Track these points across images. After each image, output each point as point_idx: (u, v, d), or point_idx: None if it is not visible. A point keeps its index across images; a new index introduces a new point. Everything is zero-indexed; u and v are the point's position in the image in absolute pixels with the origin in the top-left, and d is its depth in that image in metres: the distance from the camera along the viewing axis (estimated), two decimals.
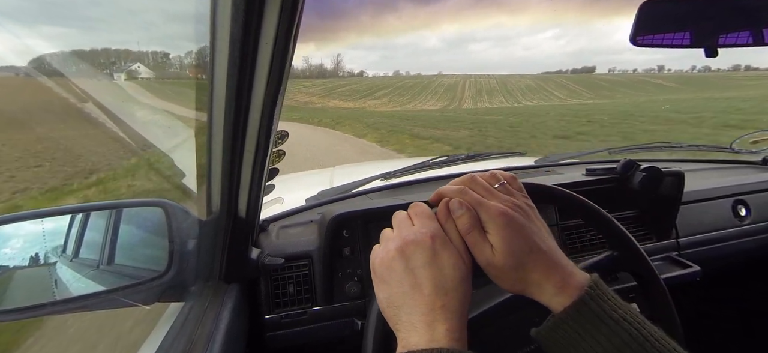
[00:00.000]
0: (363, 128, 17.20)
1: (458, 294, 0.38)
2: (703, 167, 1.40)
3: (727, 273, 1.21)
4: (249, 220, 0.68)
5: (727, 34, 0.58)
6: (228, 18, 0.37)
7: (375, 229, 0.87)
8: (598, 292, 0.38)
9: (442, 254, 0.39)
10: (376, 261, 0.41)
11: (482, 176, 0.45)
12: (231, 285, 0.71)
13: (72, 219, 0.75)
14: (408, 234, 0.41)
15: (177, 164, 0.82)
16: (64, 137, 8.24)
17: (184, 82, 11.48)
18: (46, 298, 0.68)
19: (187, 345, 0.56)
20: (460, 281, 0.39)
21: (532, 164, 1.34)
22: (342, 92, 60.23)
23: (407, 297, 0.38)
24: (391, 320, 0.40)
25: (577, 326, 0.37)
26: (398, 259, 0.39)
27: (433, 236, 0.40)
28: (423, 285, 0.38)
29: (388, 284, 0.40)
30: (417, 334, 0.36)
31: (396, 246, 0.40)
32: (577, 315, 0.38)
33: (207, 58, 0.44)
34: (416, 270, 0.39)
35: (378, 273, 0.41)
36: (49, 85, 8.40)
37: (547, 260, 0.40)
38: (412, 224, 0.42)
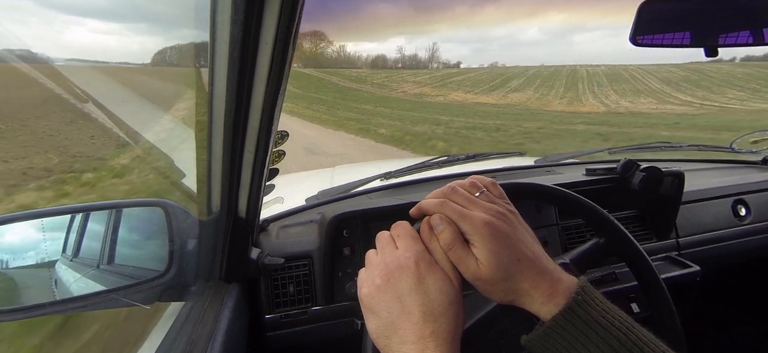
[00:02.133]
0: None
1: (448, 318, 0.37)
2: (703, 167, 1.40)
3: (727, 273, 1.21)
4: (249, 220, 0.68)
5: (727, 34, 0.58)
6: (228, 19, 0.37)
7: (375, 229, 0.87)
8: (585, 298, 0.38)
9: (427, 278, 0.38)
10: (362, 291, 0.40)
11: (461, 184, 0.44)
12: (231, 285, 0.71)
13: (72, 219, 0.75)
14: (392, 260, 0.40)
15: (177, 164, 0.83)
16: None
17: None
18: (47, 298, 0.68)
19: (188, 345, 0.56)
20: (448, 305, 0.38)
21: (531, 163, 1.34)
22: (459, 82, 50.00)
23: (397, 327, 0.37)
24: (383, 349, 0.39)
25: (567, 335, 0.37)
26: (384, 288, 0.39)
27: (417, 261, 0.39)
28: (412, 313, 0.37)
29: (377, 314, 0.39)
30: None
31: (380, 274, 0.39)
32: (566, 322, 0.37)
33: (207, 59, 0.44)
34: (403, 298, 0.38)
35: (365, 302, 0.40)
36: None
37: (535, 267, 0.39)
38: (396, 247, 0.41)
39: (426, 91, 42.41)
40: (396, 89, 44.16)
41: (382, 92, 41.27)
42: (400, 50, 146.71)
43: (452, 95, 38.39)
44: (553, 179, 1.08)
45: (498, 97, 36.66)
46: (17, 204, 3.82)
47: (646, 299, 0.58)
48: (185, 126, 2.11)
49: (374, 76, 63.60)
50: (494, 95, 38.25)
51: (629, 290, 0.82)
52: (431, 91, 42.92)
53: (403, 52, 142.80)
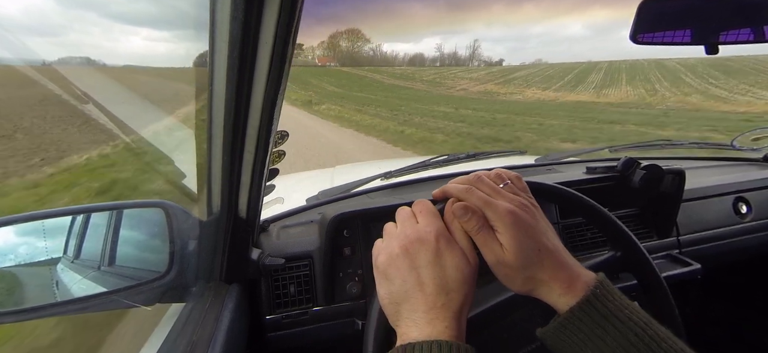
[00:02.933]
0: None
1: (460, 294, 0.38)
2: (704, 165, 1.39)
3: (728, 271, 1.21)
4: (249, 220, 0.68)
5: (727, 32, 0.58)
6: (227, 18, 0.37)
7: (375, 229, 0.87)
8: (604, 292, 0.38)
9: (446, 254, 0.39)
10: (380, 258, 0.42)
11: (488, 175, 0.45)
12: (232, 286, 0.71)
13: (73, 220, 0.75)
14: (412, 232, 0.41)
15: (177, 165, 0.83)
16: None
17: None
18: (47, 299, 0.68)
19: (188, 346, 0.56)
20: (462, 282, 0.39)
21: (532, 162, 1.34)
22: (527, 79, 44.88)
23: (409, 295, 0.38)
24: (391, 316, 0.40)
25: (584, 326, 0.37)
26: (402, 257, 0.40)
27: (438, 236, 0.40)
28: (426, 284, 0.38)
29: (391, 281, 0.40)
30: (417, 330, 0.37)
31: (400, 244, 0.40)
32: (584, 315, 0.38)
33: (207, 59, 0.44)
34: (420, 269, 0.39)
35: (381, 269, 0.41)
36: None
37: (555, 259, 0.40)
38: (417, 222, 0.42)
39: (490, 88, 37.71)
40: (453, 86, 40.16)
41: (439, 90, 37.03)
42: (438, 48, 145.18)
43: (528, 93, 32.93)
44: (554, 178, 1.07)
45: (591, 94, 30.65)
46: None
47: (646, 297, 0.58)
48: (185, 126, 2.11)
49: (422, 73, 59.59)
50: (583, 92, 32.09)
51: (630, 288, 0.82)
52: (497, 88, 38.27)
53: (442, 51, 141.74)
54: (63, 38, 31.40)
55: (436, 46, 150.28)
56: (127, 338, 1.48)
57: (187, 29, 1.45)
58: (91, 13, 31.57)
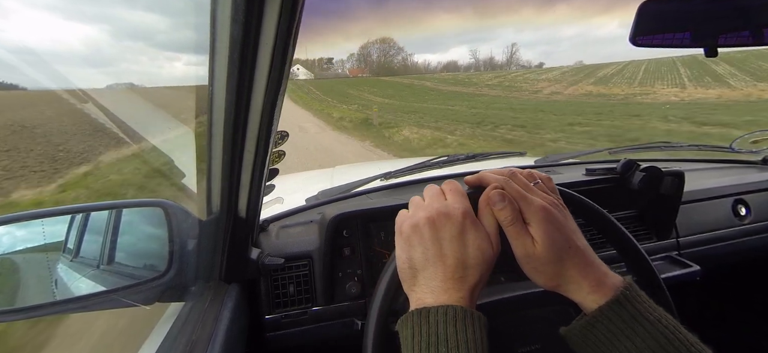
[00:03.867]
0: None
1: (477, 272, 0.40)
2: (704, 167, 1.39)
3: (727, 273, 1.21)
4: (249, 220, 0.68)
5: (726, 34, 0.58)
6: (228, 18, 0.37)
7: (375, 229, 0.87)
8: (634, 294, 0.39)
9: (470, 232, 0.41)
10: (405, 224, 0.43)
11: (521, 172, 0.46)
12: (231, 285, 0.71)
13: (72, 219, 0.75)
14: (440, 206, 0.42)
15: (177, 165, 0.83)
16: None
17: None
18: (47, 298, 0.68)
19: (188, 345, 0.56)
20: (481, 262, 0.40)
21: (532, 164, 1.34)
22: (603, 77, 37.95)
23: (429, 264, 0.40)
24: (407, 281, 0.42)
25: (613, 326, 0.38)
26: (427, 227, 0.41)
27: (465, 214, 0.41)
28: (447, 257, 0.40)
29: (413, 248, 0.41)
30: (433, 297, 0.38)
31: (427, 215, 0.42)
32: (613, 314, 0.38)
33: (207, 59, 0.44)
34: (443, 241, 0.40)
35: (405, 234, 0.42)
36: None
37: (584, 258, 0.41)
38: (445, 199, 0.44)
39: (588, 89, 31.37)
40: (538, 90, 32.83)
41: (519, 95, 29.57)
42: (473, 54, 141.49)
43: (660, 91, 26.45)
44: (554, 180, 1.07)
45: (704, 90, 23.92)
46: None
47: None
48: (185, 126, 2.12)
49: (480, 78, 51.54)
50: (700, 88, 25.44)
51: None
52: (598, 88, 31.14)
53: (476, 57, 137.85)
54: (115, 68, 31.90)
55: (470, 52, 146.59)
56: (126, 337, 1.48)
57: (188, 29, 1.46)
58: (140, 43, 31.97)
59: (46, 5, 26.82)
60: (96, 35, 63.53)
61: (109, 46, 27.49)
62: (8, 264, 0.67)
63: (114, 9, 16.58)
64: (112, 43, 33.12)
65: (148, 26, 39.60)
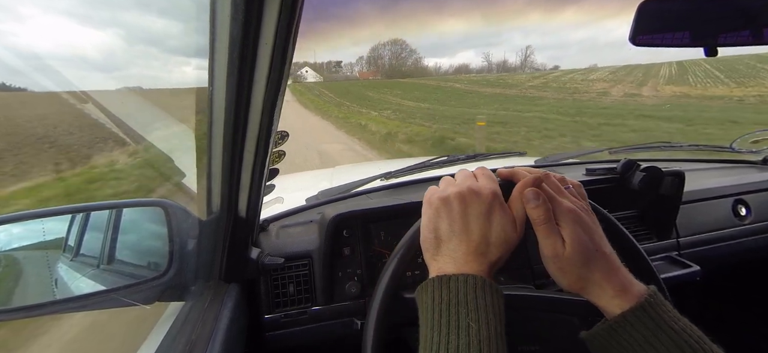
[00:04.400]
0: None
1: (499, 251, 0.41)
2: (704, 167, 1.39)
3: (727, 273, 1.21)
4: (249, 220, 0.68)
5: (726, 34, 0.58)
6: (228, 18, 0.37)
7: (375, 229, 0.87)
8: (658, 301, 0.39)
9: (496, 213, 0.42)
10: (434, 196, 0.44)
11: (554, 175, 0.47)
12: (231, 285, 0.71)
13: (72, 219, 0.75)
14: (471, 185, 0.43)
15: (177, 164, 0.83)
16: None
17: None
18: (47, 298, 0.68)
19: (187, 345, 0.56)
20: (504, 242, 0.41)
21: (532, 164, 1.34)
22: (660, 76, 33.89)
23: (454, 236, 0.41)
24: (429, 250, 0.43)
25: (636, 333, 0.38)
26: (457, 201, 0.43)
27: (494, 195, 0.43)
28: (472, 233, 0.41)
29: (441, 218, 0.43)
30: (454, 266, 0.40)
31: (458, 191, 0.43)
32: (637, 321, 0.38)
33: (207, 58, 0.44)
34: (470, 217, 0.42)
35: (434, 205, 0.44)
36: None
37: (610, 263, 0.41)
38: (476, 179, 0.45)
39: (631, 90, 27.45)
40: (585, 90, 29.01)
41: (576, 96, 25.03)
42: (486, 57, 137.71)
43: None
44: None
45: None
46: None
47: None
48: (185, 126, 2.11)
49: (516, 78, 46.12)
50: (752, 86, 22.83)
51: None
52: (610, 87, 28.64)
53: (489, 60, 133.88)
54: (126, 72, 32.07)
55: (483, 55, 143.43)
56: (126, 336, 1.48)
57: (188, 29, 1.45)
58: (153, 48, 32.18)
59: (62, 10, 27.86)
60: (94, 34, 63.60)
61: (112, 46, 27.50)
62: (9, 263, 0.67)
63: (113, 9, 16.57)
64: (115, 44, 33.34)
65: (150, 27, 39.11)
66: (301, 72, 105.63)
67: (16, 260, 0.68)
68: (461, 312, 0.36)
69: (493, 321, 0.36)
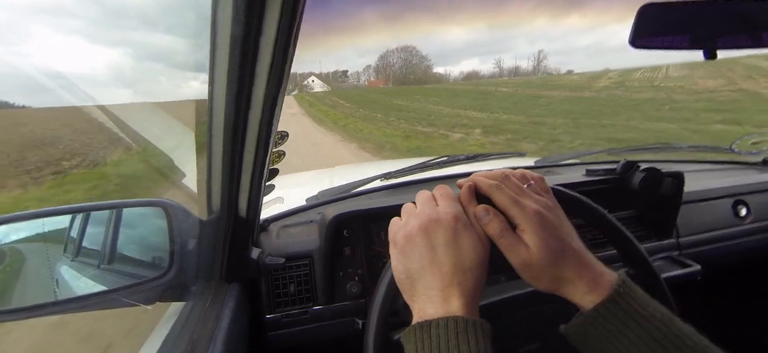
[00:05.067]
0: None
1: (474, 275, 0.40)
2: (703, 168, 1.40)
3: (727, 273, 1.21)
4: (249, 220, 0.68)
5: (725, 37, 0.58)
6: (229, 18, 0.37)
7: (375, 229, 0.87)
8: (627, 290, 0.39)
9: (462, 235, 0.40)
10: (398, 234, 0.43)
11: (513, 173, 0.46)
12: (232, 285, 0.71)
13: (72, 219, 0.76)
14: (432, 213, 0.42)
15: (177, 164, 0.83)
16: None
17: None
18: (47, 298, 0.68)
19: (189, 345, 0.56)
20: (477, 263, 0.40)
21: (531, 164, 1.34)
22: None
23: (426, 272, 0.40)
24: (406, 291, 0.42)
25: (608, 324, 0.38)
26: (420, 235, 0.41)
27: (457, 218, 0.41)
28: (443, 263, 0.39)
29: (408, 257, 0.41)
30: (433, 306, 0.38)
31: (419, 223, 0.41)
32: (608, 312, 0.38)
33: (207, 58, 0.44)
34: (437, 248, 0.40)
35: (399, 245, 0.42)
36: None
37: (579, 258, 0.41)
38: (436, 204, 0.44)
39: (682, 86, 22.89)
40: (691, 90, 21.69)
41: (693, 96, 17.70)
42: (497, 63, 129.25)
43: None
44: (553, 180, 1.08)
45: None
46: None
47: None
48: (185, 126, 2.10)
49: (571, 80, 38.48)
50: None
51: None
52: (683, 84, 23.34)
53: (501, 65, 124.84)
54: (136, 88, 32.02)
55: (495, 61, 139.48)
56: (127, 337, 1.48)
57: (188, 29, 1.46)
58: (176, 91, 31.39)
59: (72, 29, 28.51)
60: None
61: (131, 68, 27.38)
62: (9, 264, 0.67)
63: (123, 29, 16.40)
64: (124, 62, 33.24)
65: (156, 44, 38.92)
66: (307, 82, 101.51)
67: (17, 261, 0.68)
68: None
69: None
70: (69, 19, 38.48)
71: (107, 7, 20.01)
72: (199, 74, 0.45)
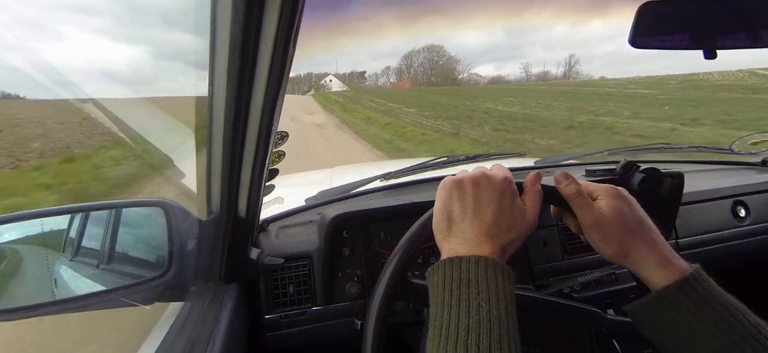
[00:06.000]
0: None
1: (509, 236, 0.41)
2: (703, 169, 1.40)
3: (726, 274, 1.21)
4: (249, 220, 0.68)
5: (725, 36, 0.58)
6: (228, 19, 0.37)
7: (375, 229, 0.87)
8: (704, 277, 0.40)
9: (508, 199, 0.43)
10: (448, 180, 0.45)
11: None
12: (231, 285, 0.71)
13: (71, 219, 0.75)
14: (485, 171, 0.45)
15: (177, 164, 0.83)
16: None
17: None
18: (46, 298, 0.68)
19: (187, 345, 0.56)
20: (515, 227, 0.42)
21: (531, 164, 1.34)
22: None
23: (466, 218, 0.42)
24: (442, 230, 0.43)
25: (679, 305, 0.38)
26: (470, 185, 0.44)
27: (507, 181, 0.44)
28: (484, 215, 0.42)
29: (453, 200, 0.43)
30: (466, 248, 0.40)
31: (472, 176, 0.44)
32: (681, 294, 0.39)
33: (207, 59, 0.44)
34: (482, 200, 0.43)
35: (447, 188, 0.45)
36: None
37: (653, 236, 0.43)
38: (491, 169, 0.46)
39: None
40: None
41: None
42: (525, 68, 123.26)
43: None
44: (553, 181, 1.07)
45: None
46: None
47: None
48: (185, 126, 2.08)
49: (651, 82, 34.15)
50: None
51: (628, 290, 0.82)
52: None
53: (529, 70, 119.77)
54: (155, 86, 31.28)
55: (522, 66, 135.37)
56: (126, 336, 1.48)
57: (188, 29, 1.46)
58: (177, 63, 30.71)
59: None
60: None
61: (150, 65, 27.39)
62: (8, 263, 0.67)
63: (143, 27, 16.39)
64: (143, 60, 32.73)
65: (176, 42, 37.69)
66: (324, 81, 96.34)
67: (16, 260, 0.68)
68: (472, 291, 0.37)
69: (504, 301, 0.36)
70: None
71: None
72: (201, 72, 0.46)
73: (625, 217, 0.43)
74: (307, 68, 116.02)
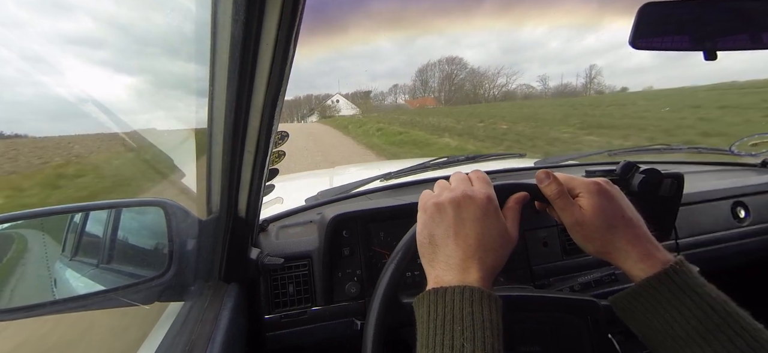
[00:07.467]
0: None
1: (495, 255, 0.41)
2: (703, 169, 1.40)
3: (726, 274, 1.21)
4: (249, 220, 0.68)
5: (725, 37, 0.58)
6: (229, 19, 0.37)
7: (375, 230, 0.87)
8: (684, 268, 0.40)
9: (491, 217, 0.42)
10: (429, 202, 0.45)
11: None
12: (231, 285, 0.71)
13: (71, 219, 0.75)
14: (467, 189, 0.44)
15: (177, 164, 0.83)
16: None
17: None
18: (46, 298, 0.68)
19: (187, 345, 0.56)
20: (500, 246, 0.42)
21: (531, 165, 1.34)
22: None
23: (450, 241, 0.41)
24: (426, 256, 0.43)
25: (659, 295, 0.39)
26: (452, 207, 0.43)
27: (489, 199, 0.43)
28: (468, 237, 0.41)
29: (436, 224, 0.43)
30: (451, 274, 0.40)
31: (452, 196, 0.43)
32: (660, 285, 0.39)
33: (208, 59, 0.44)
34: (466, 221, 0.42)
35: (428, 212, 0.44)
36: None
37: (635, 229, 0.43)
38: (471, 184, 0.46)
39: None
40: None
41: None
42: (542, 80, 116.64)
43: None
44: None
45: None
46: None
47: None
48: (185, 126, 2.06)
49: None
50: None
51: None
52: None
53: (546, 84, 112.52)
54: (153, 115, 29.84)
55: (539, 78, 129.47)
56: (125, 336, 1.48)
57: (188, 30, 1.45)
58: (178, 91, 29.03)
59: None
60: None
61: (151, 94, 26.20)
62: (8, 263, 0.67)
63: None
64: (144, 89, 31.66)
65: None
66: (330, 102, 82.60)
67: (16, 260, 0.68)
68: (456, 330, 0.36)
69: (489, 339, 0.36)
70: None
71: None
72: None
73: (606, 214, 0.43)
74: (307, 91, 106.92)
